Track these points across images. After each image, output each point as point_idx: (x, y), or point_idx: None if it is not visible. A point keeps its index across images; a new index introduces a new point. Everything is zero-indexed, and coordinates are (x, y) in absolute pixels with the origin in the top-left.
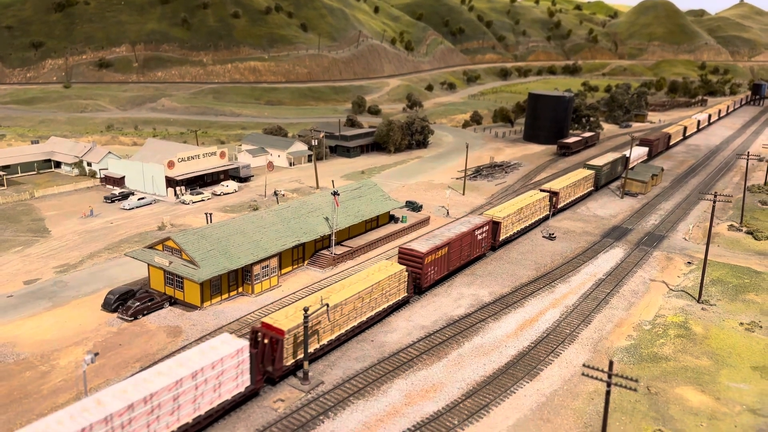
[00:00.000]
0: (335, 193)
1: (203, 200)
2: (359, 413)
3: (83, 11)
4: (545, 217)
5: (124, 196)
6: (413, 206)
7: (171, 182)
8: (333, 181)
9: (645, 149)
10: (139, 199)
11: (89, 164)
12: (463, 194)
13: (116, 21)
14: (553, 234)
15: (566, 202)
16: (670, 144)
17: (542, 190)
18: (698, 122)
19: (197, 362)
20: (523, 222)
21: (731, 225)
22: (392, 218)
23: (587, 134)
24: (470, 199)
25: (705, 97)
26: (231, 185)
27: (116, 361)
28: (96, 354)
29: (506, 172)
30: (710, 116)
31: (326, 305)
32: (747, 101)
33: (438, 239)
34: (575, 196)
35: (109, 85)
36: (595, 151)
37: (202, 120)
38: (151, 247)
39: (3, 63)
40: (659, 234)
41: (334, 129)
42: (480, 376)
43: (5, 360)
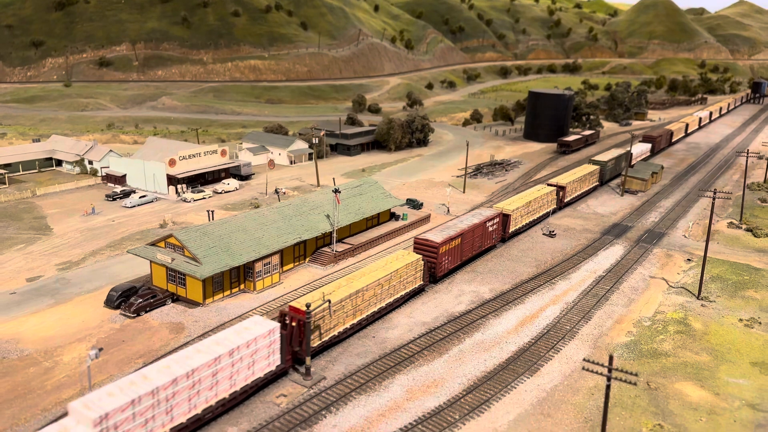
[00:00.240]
0: (336, 191)
1: (204, 198)
2: (361, 408)
3: (83, 10)
4: (552, 211)
5: (126, 194)
6: (414, 204)
7: (172, 180)
8: (334, 179)
9: (648, 145)
10: (141, 197)
11: (90, 162)
12: (464, 192)
13: (116, 20)
14: (554, 231)
15: (572, 197)
16: (673, 140)
17: (549, 185)
18: (699, 119)
19: (233, 341)
20: (532, 215)
21: (731, 222)
22: (393, 216)
23: (587, 132)
24: (471, 197)
25: (705, 96)
26: (232, 183)
27: (119, 357)
28: (100, 349)
29: (506, 170)
30: (711, 113)
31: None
32: (747, 99)
33: (452, 230)
34: (581, 191)
35: (110, 84)
36: (595, 149)
37: (203, 118)
38: (154, 244)
39: (3, 62)
40: (659, 231)
41: (335, 127)
42: (481, 372)
43: (9, 356)
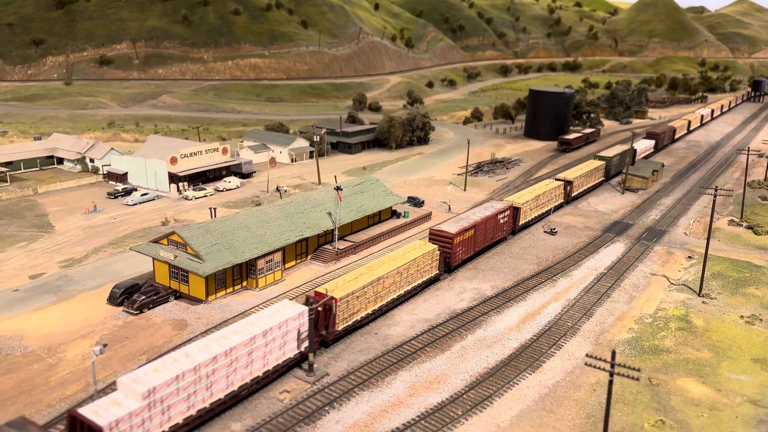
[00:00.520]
0: (338, 189)
1: (206, 196)
2: (364, 404)
3: (84, 8)
4: (560, 205)
5: (127, 192)
6: (415, 202)
7: (174, 178)
8: (335, 177)
9: (651, 142)
10: (142, 195)
11: (92, 160)
12: (465, 190)
13: (117, 18)
14: (555, 229)
15: (579, 191)
16: (675, 137)
17: (557, 179)
18: (701, 117)
19: (267, 323)
20: (540, 208)
21: (732, 220)
22: (394, 213)
23: (588, 131)
24: (471, 195)
25: (705, 94)
26: (233, 181)
27: (123, 354)
28: (105, 345)
29: (507, 168)
30: (713, 111)
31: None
32: (747, 98)
33: (465, 222)
34: (588, 186)
35: (110, 82)
36: (596, 147)
37: (204, 117)
38: (156, 242)
39: (4, 60)
40: (660, 229)
41: (335, 125)
42: (483, 368)
43: (13, 352)
